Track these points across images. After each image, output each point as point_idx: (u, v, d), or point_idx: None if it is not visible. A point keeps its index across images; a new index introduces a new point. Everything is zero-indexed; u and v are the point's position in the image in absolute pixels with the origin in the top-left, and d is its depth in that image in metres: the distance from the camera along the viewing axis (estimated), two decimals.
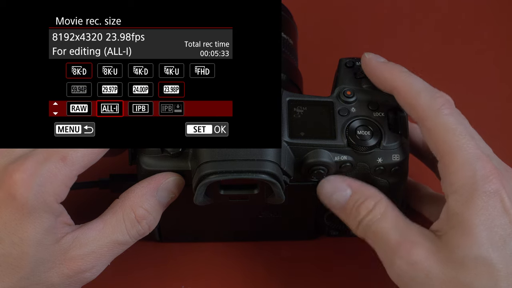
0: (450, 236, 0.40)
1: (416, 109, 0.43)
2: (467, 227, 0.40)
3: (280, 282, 0.51)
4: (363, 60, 0.45)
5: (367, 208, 0.43)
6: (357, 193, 0.43)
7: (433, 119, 0.42)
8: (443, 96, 0.43)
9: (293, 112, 0.45)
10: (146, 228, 0.43)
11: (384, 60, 0.45)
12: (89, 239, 0.42)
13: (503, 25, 0.65)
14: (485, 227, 0.40)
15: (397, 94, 0.44)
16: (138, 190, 0.43)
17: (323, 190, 0.44)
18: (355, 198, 0.43)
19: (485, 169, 0.40)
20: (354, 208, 0.43)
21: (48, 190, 0.40)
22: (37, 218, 0.40)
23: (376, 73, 0.45)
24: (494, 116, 0.59)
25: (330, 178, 0.44)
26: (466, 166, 0.41)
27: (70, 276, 0.41)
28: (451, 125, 0.42)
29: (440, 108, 0.42)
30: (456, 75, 0.61)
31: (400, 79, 0.44)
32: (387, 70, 0.44)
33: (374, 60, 0.45)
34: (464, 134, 0.41)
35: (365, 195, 0.43)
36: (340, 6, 0.65)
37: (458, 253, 0.40)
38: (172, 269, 0.51)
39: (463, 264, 0.39)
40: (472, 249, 0.39)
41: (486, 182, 0.40)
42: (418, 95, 0.43)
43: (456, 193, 0.41)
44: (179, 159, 0.44)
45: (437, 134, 0.42)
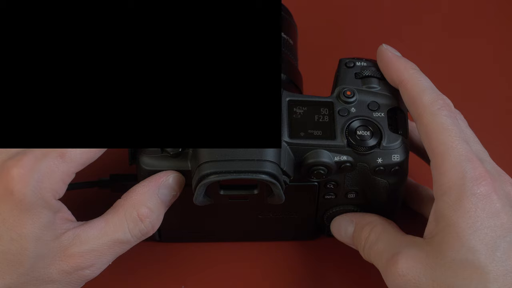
0: (438, 240, 0.40)
1: (417, 105, 0.43)
2: (455, 231, 0.40)
3: (280, 282, 0.51)
4: (380, 50, 0.46)
5: (365, 236, 0.46)
6: (358, 224, 0.47)
7: (430, 117, 0.42)
8: (445, 99, 0.43)
9: (293, 112, 0.45)
10: (149, 227, 0.43)
11: (399, 54, 0.46)
12: (90, 237, 0.42)
13: (505, 24, 0.65)
14: (473, 229, 0.39)
15: (403, 88, 0.44)
16: (140, 189, 0.43)
17: (333, 230, 0.49)
18: (357, 230, 0.47)
19: (475, 171, 0.40)
20: (357, 239, 0.46)
21: (46, 186, 0.40)
22: (35, 213, 0.40)
23: (388, 64, 0.46)
24: (495, 116, 0.59)
25: (337, 218, 0.48)
26: (456, 168, 0.41)
27: (69, 273, 0.41)
28: (446, 126, 0.42)
29: (440, 108, 0.43)
30: (457, 75, 0.61)
31: (409, 73, 0.45)
32: (400, 63, 0.45)
33: (390, 51, 0.46)
34: (458, 136, 0.42)
35: (362, 224, 0.46)
36: (341, 6, 0.65)
37: (446, 257, 0.40)
38: (172, 269, 0.51)
39: (451, 267, 0.39)
40: (459, 252, 0.39)
41: (475, 184, 0.40)
42: (422, 92, 0.43)
43: (445, 195, 0.41)
44: (179, 159, 0.44)
45: (432, 132, 0.42)
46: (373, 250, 0.44)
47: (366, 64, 0.47)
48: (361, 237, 0.46)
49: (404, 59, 0.46)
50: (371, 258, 0.45)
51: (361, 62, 0.47)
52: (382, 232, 0.45)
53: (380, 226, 0.45)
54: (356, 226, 0.47)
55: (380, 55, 0.46)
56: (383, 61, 0.46)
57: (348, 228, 0.47)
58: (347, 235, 0.47)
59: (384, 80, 0.46)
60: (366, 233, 0.45)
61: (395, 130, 0.45)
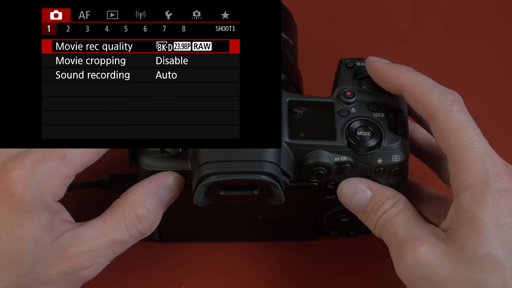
0: (460, 233, 0.40)
1: (427, 105, 0.43)
2: (478, 225, 0.40)
3: (280, 283, 0.51)
4: (368, 63, 0.45)
5: (385, 208, 0.43)
6: (378, 194, 0.44)
7: (444, 116, 0.42)
8: (453, 93, 0.43)
9: (293, 112, 0.45)
10: (147, 227, 0.43)
11: (388, 62, 0.45)
12: (89, 237, 0.42)
13: (505, 24, 0.65)
14: (495, 225, 0.39)
15: (406, 92, 0.44)
16: (139, 189, 0.43)
17: (343, 192, 0.45)
18: (375, 199, 0.44)
19: (496, 167, 0.40)
20: (373, 210, 0.44)
21: (46, 188, 0.40)
22: (35, 215, 0.40)
23: (382, 74, 0.45)
24: (496, 116, 0.59)
25: (350, 180, 0.45)
26: (479, 164, 0.41)
27: (68, 274, 0.41)
28: (462, 122, 0.42)
29: (452, 104, 0.42)
30: (457, 75, 0.61)
31: (408, 77, 0.44)
32: (394, 70, 0.44)
33: (379, 62, 0.45)
34: (475, 132, 0.41)
35: (386, 196, 0.44)
36: (340, 6, 0.65)
37: (468, 250, 0.39)
38: (172, 269, 0.51)
39: (472, 261, 0.39)
40: (482, 246, 0.39)
41: (498, 180, 0.40)
42: (428, 92, 0.43)
43: (468, 190, 0.40)
44: (179, 160, 0.44)
45: (448, 131, 0.42)
46: (390, 223, 0.43)
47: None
48: (380, 208, 0.43)
49: (396, 65, 0.45)
50: (384, 232, 0.43)
51: (361, 63, 0.47)
52: (404, 210, 0.43)
53: (404, 201, 0.44)
54: (375, 195, 0.44)
55: (371, 68, 0.45)
56: (376, 72, 0.45)
57: (364, 194, 0.44)
58: (359, 201, 0.44)
59: None
60: (387, 205, 0.43)
61: (395, 131, 0.45)
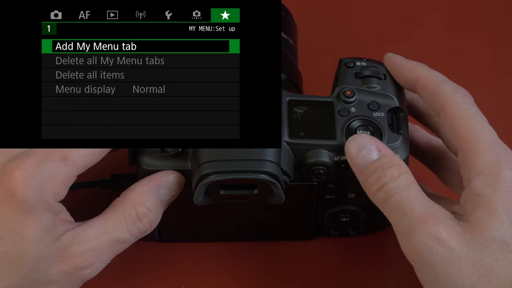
0: (477, 217, 0.40)
1: (439, 96, 0.44)
2: (493, 209, 0.40)
3: (280, 282, 0.51)
4: (386, 58, 0.47)
5: (392, 175, 0.42)
6: (386, 157, 0.42)
7: (455, 105, 0.43)
8: (464, 90, 0.44)
9: (293, 112, 0.45)
10: (147, 226, 0.43)
11: (404, 58, 0.47)
12: (89, 237, 0.42)
13: (505, 24, 0.65)
14: (507, 212, 0.40)
15: (420, 85, 0.45)
16: (139, 188, 0.43)
17: (350, 145, 0.43)
18: (382, 161, 0.42)
19: (506, 154, 0.41)
20: (378, 171, 0.42)
21: (48, 189, 0.40)
22: (37, 216, 0.40)
23: (400, 67, 0.46)
24: (496, 116, 0.59)
25: (362, 135, 0.44)
26: (490, 150, 0.41)
27: (69, 273, 0.41)
28: (472, 112, 0.43)
29: (463, 97, 0.43)
30: (457, 75, 0.61)
31: (422, 71, 0.46)
32: (410, 64, 0.46)
33: (396, 57, 0.47)
34: (485, 121, 0.43)
35: (393, 162, 0.42)
36: (340, 6, 0.66)
37: (486, 235, 0.39)
38: (172, 269, 0.51)
39: (489, 247, 0.39)
40: (499, 232, 0.39)
41: (509, 167, 0.40)
42: (442, 84, 0.44)
43: (481, 174, 0.40)
44: (179, 159, 0.44)
45: (458, 118, 0.43)
46: (400, 195, 0.41)
47: (366, 64, 0.47)
48: (386, 173, 0.42)
49: (412, 61, 0.47)
50: (389, 201, 0.41)
51: (361, 62, 0.47)
52: (413, 183, 0.42)
53: (411, 176, 0.42)
54: (383, 157, 0.42)
55: (389, 61, 0.47)
56: (394, 65, 0.47)
57: (372, 153, 0.43)
58: (365, 159, 0.43)
59: (384, 80, 0.46)
60: (395, 172, 0.41)
61: (395, 130, 0.45)
